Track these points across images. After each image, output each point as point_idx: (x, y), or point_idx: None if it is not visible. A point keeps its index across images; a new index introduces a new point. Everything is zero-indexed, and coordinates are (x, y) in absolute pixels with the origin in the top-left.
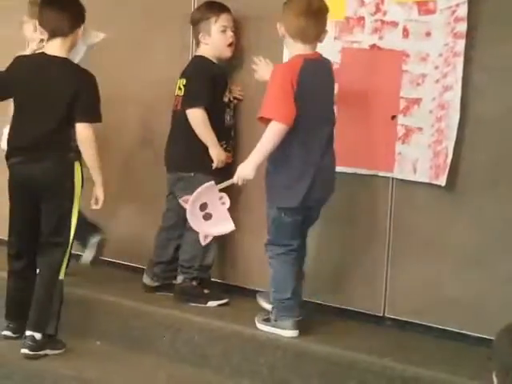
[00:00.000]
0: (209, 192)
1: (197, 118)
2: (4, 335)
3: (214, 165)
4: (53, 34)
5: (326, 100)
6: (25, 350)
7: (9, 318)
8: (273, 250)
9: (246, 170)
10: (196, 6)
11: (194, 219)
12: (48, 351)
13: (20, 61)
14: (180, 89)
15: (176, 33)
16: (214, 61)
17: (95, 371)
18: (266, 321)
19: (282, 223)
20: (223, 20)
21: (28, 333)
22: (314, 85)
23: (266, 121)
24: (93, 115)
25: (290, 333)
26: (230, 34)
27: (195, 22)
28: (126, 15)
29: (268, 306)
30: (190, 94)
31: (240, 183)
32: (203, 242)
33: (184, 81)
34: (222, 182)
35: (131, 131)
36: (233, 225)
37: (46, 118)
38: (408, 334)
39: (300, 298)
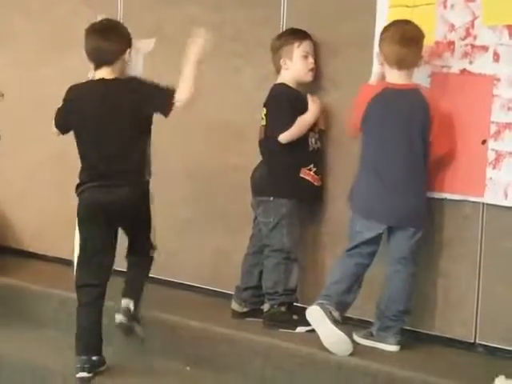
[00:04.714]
0: None
1: (290, 136)
2: (80, 378)
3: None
4: (98, 64)
5: (404, 130)
6: (121, 318)
7: (85, 354)
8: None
9: None
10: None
11: None
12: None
13: (72, 90)
14: (262, 118)
15: (265, 58)
16: (294, 86)
17: None
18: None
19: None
20: (306, 46)
21: (124, 303)
22: (386, 115)
23: None
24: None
25: None
26: (311, 60)
27: (277, 48)
28: (216, 39)
29: (368, 342)
30: (273, 123)
31: None
32: None
33: (265, 110)
34: (305, 206)
35: (218, 156)
36: None
37: (117, 141)
38: (500, 360)
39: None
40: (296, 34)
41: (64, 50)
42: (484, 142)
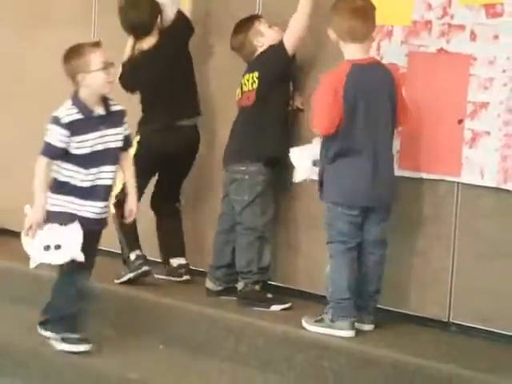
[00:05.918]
0: None
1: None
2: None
3: None
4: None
5: (378, 105)
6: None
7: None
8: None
9: None
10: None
11: None
12: None
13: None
14: (253, 83)
15: None
16: None
17: (158, 374)
18: (319, 322)
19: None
20: (261, 20)
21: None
22: (362, 90)
23: None
24: None
25: (347, 333)
26: (274, 27)
27: (242, 40)
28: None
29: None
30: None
31: None
32: None
33: (257, 73)
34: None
35: None
36: None
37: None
38: (474, 340)
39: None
40: (248, 19)
41: (41, 25)
42: (460, 121)
